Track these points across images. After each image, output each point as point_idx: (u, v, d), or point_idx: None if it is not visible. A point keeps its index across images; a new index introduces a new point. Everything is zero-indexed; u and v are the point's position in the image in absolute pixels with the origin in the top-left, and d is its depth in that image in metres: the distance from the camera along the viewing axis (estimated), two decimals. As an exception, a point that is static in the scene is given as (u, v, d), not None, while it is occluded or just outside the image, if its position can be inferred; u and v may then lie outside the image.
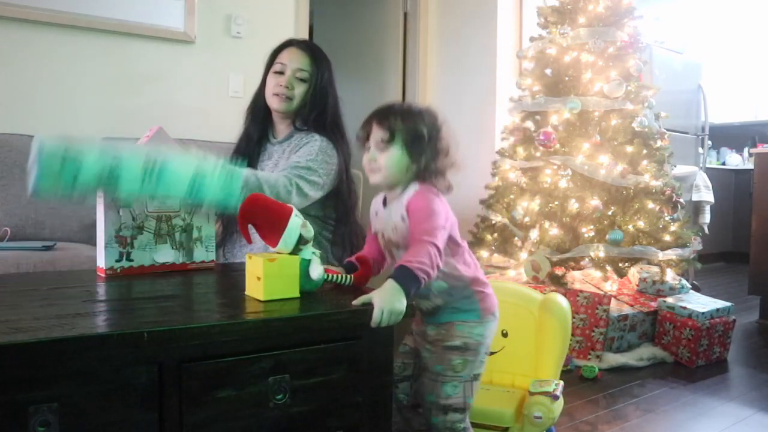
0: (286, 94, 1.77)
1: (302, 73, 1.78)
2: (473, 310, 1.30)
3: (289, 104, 1.79)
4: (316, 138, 1.77)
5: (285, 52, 1.82)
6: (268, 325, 0.99)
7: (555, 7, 2.94)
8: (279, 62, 1.80)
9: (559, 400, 1.51)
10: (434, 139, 1.25)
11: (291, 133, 1.84)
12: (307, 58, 1.81)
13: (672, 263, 2.67)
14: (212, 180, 1.26)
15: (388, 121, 1.22)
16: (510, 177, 2.92)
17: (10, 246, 2.05)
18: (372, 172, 1.25)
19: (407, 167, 1.23)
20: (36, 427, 0.81)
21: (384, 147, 1.22)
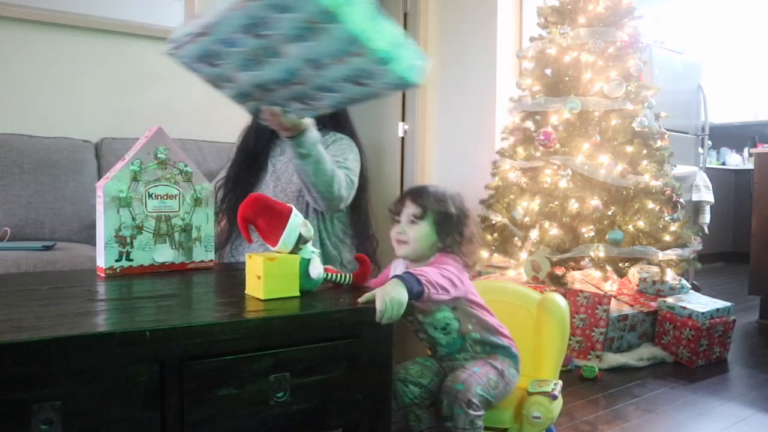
0: None
1: None
2: (512, 356, 1.44)
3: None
4: (342, 137, 1.85)
5: None
6: (269, 323, 1.00)
7: (555, 7, 2.94)
8: None
9: (557, 400, 1.51)
10: (461, 224, 1.38)
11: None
12: None
13: (672, 263, 2.67)
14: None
15: (422, 198, 1.35)
16: (510, 177, 2.92)
17: (10, 246, 2.05)
18: (400, 244, 1.37)
19: (433, 243, 1.36)
20: (39, 425, 0.82)
21: (414, 222, 1.35)
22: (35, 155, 2.43)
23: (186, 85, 3.01)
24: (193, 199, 1.44)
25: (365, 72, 1.14)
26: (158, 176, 1.38)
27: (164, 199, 1.39)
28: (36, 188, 2.39)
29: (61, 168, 2.47)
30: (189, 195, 1.43)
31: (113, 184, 1.33)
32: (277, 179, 1.85)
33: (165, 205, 1.39)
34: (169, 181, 1.40)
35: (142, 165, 1.36)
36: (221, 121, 3.06)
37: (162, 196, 1.39)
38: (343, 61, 1.12)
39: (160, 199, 1.39)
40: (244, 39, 1.13)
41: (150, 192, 1.37)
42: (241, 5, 1.06)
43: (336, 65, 1.14)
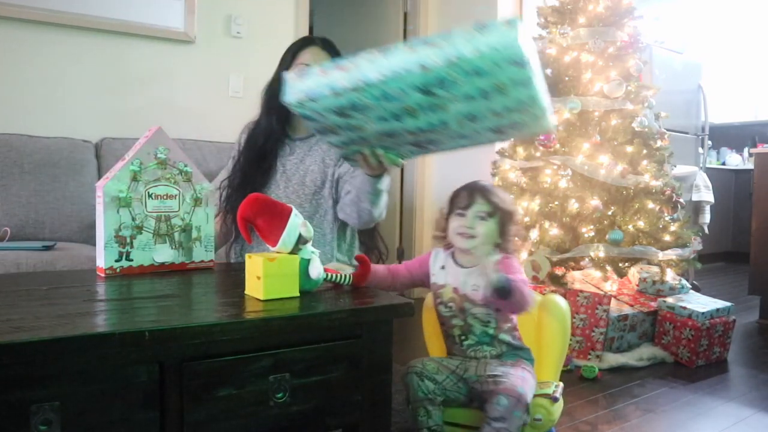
0: None
1: None
2: (532, 360, 1.49)
3: None
4: None
5: (307, 51, 1.80)
6: (268, 324, 0.99)
7: (555, 7, 2.94)
8: (302, 62, 1.78)
9: (558, 401, 1.50)
10: (516, 226, 1.47)
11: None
12: (330, 58, 1.79)
13: (672, 263, 2.67)
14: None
15: (492, 197, 1.43)
16: (510, 177, 2.92)
17: (10, 246, 2.05)
18: (465, 237, 1.43)
19: (494, 242, 1.45)
20: (38, 426, 0.82)
21: (484, 219, 1.42)
22: (35, 155, 2.43)
23: (186, 85, 3.02)
24: (193, 199, 1.43)
25: (517, 124, 1.16)
26: (158, 176, 1.38)
27: (164, 199, 1.39)
28: (36, 188, 2.39)
29: (61, 168, 2.47)
30: (189, 195, 1.43)
31: (113, 184, 1.33)
32: (288, 180, 1.81)
33: (165, 205, 1.39)
34: (169, 181, 1.40)
35: (142, 165, 1.36)
36: (221, 121, 3.06)
37: (162, 196, 1.39)
38: (502, 116, 1.13)
39: (160, 199, 1.39)
40: (409, 95, 1.08)
41: (150, 192, 1.37)
42: (422, 67, 1.01)
43: (493, 118, 1.14)
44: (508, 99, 1.08)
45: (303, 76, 1.13)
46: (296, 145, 1.85)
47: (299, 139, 1.86)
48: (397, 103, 1.11)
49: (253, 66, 3.18)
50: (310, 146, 1.84)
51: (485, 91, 1.06)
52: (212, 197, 1.49)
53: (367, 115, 1.17)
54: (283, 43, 3.27)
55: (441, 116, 1.15)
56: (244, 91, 3.14)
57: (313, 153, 1.82)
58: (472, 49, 0.98)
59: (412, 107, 1.12)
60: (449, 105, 1.10)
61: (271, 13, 3.26)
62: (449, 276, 1.49)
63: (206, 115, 3.04)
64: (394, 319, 1.13)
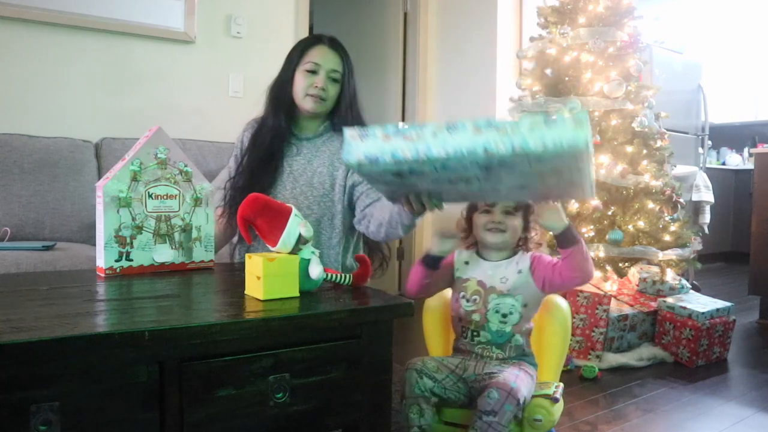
0: (321, 95, 1.73)
1: (335, 74, 1.74)
2: (535, 365, 1.51)
3: (323, 105, 1.75)
4: None
5: (315, 50, 1.76)
6: (268, 324, 0.99)
7: (555, 7, 2.94)
8: (311, 61, 1.73)
9: (559, 402, 1.50)
10: (528, 213, 1.49)
11: (322, 131, 1.81)
12: (338, 57, 1.76)
13: (672, 263, 2.67)
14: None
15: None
16: (510, 177, 2.92)
17: (10, 246, 2.05)
18: (496, 232, 1.46)
19: (520, 235, 1.49)
20: (38, 426, 0.82)
21: (511, 214, 1.46)
22: (35, 155, 2.43)
23: (186, 85, 3.02)
24: (193, 199, 1.43)
25: (563, 194, 1.24)
26: (158, 176, 1.38)
27: (164, 199, 1.39)
28: (36, 188, 2.39)
29: (61, 168, 2.47)
30: (189, 195, 1.43)
31: (113, 184, 1.33)
32: (295, 180, 1.77)
33: (165, 205, 1.39)
34: (169, 181, 1.40)
35: (142, 165, 1.36)
36: (221, 121, 3.06)
37: (162, 196, 1.39)
38: (551, 189, 1.21)
39: (160, 199, 1.39)
40: (468, 169, 1.11)
41: (150, 192, 1.37)
42: (486, 150, 1.04)
43: (543, 188, 1.21)
44: (561, 179, 1.13)
45: (364, 137, 1.15)
46: (303, 145, 1.81)
47: (306, 138, 1.82)
48: (455, 173, 1.15)
49: (253, 66, 3.18)
50: (317, 147, 1.80)
51: (542, 172, 1.11)
52: (214, 197, 1.48)
53: (422, 179, 1.20)
54: (283, 43, 3.30)
55: (494, 185, 1.19)
56: (244, 91, 3.14)
57: (321, 154, 1.79)
58: (539, 143, 1.01)
59: (468, 177, 1.16)
60: (504, 178, 1.15)
61: (271, 13, 3.26)
62: (474, 270, 1.51)
63: (206, 115, 3.04)
64: (394, 319, 1.13)
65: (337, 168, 1.76)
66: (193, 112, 3.01)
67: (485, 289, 1.48)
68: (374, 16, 4.09)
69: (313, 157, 1.79)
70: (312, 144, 1.81)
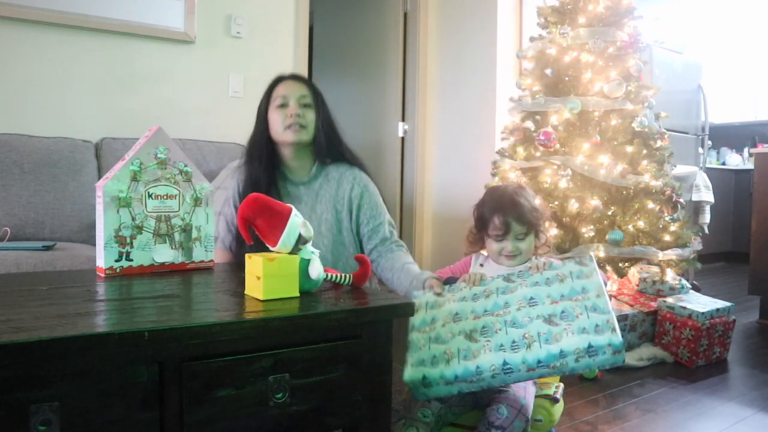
0: (299, 122, 1.70)
1: (305, 99, 1.73)
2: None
3: (305, 132, 1.71)
4: (363, 180, 1.79)
5: (280, 86, 1.76)
6: (268, 324, 0.99)
7: (555, 7, 2.94)
8: (278, 96, 1.73)
9: (559, 403, 1.51)
10: (539, 222, 1.59)
11: (316, 171, 1.79)
12: (304, 85, 1.76)
13: (672, 263, 2.67)
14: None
15: (524, 216, 1.54)
16: (510, 177, 2.92)
17: (10, 246, 2.05)
18: (512, 258, 1.55)
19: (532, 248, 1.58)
20: (37, 426, 0.81)
21: (523, 237, 1.55)
22: (35, 155, 2.43)
23: (186, 85, 3.02)
24: (193, 199, 1.43)
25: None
26: (158, 176, 1.38)
27: (164, 199, 1.39)
28: (36, 188, 2.39)
29: (61, 168, 2.47)
30: (189, 195, 1.43)
31: (113, 184, 1.33)
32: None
33: (165, 205, 1.39)
34: (169, 181, 1.40)
35: (142, 165, 1.36)
36: (221, 121, 3.06)
37: (162, 196, 1.39)
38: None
39: (160, 199, 1.38)
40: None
41: (150, 192, 1.37)
42: (528, 370, 1.26)
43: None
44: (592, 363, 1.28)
45: (429, 388, 1.32)
46: (301, 192, 1.77)
47: (302, 183, 1.78)
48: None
49: (253, 66, 3.18)
50: (315, 192, 1.77)
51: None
52: (211, 197, 1.48)
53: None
54: (283, 43, 3.30)
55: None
56: (244, 91, 3.14)
57: (322, 199, 1.76)
58: (584, 367, 1.26)
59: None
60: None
61: (271, 13, 3.26)
62: (488, 271, 1.56)
63: (206, 115, 3.04)
64: (394, 319, 1.13)
65: (339, 211, 1.75)
66: (193, 112, 3.01)
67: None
68: (374, 16, 4.09)
69: (314, 203, 1.76)
70: (310, 189, 1.77)
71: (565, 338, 1.25)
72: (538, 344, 1.26)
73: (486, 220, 1.56)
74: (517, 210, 1.53)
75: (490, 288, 1.43)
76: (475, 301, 1.41)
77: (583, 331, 1.24)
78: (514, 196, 1.56)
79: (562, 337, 1.25)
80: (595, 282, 1.34)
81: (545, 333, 1.27)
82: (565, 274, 1.39)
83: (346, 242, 1.75)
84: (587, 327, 1.25)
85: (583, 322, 1.26)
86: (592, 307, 1.28)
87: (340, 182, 1.77)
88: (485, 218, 1.57)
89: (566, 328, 1.27)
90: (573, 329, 1.26)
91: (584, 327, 1.25)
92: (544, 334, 1.27)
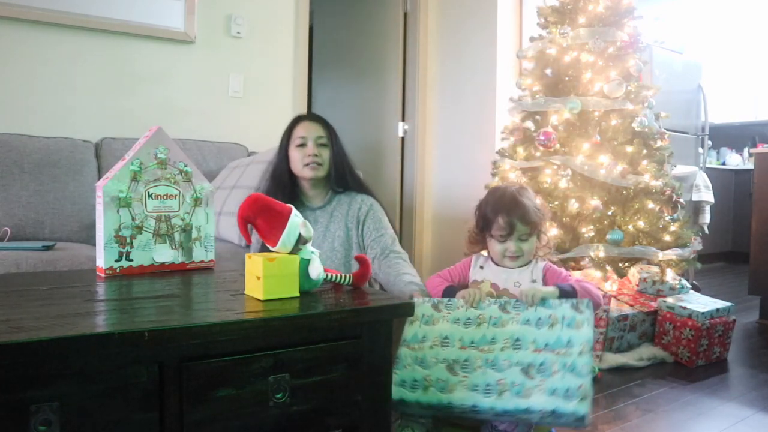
0: (317, 161, 1.93)
1: (322, 139, 1.95)
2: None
3: (321, 169, 1.95)
4: (371, 204, 2.00)
5: (299, 127, 1.98)
6: (268, 324, 0.99)
7: (555, 7, 2.94)
8: (299, 136, 1.95)
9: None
10: (540, 223, 1.59)
11: (330, 197, 2.02)
12: (320, 126, 1.98)
13: (672, 263, 2.67)
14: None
15: (528, 216, 1.54)
16: (510, 177, 2.92)
17: (10, 246, 2.05)
18: (515, 258, 1.57)
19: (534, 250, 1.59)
20: (37, 426, 0.81)
21: (526, 238, 1.56)
22: (35, 155, 2.43)
23: (186, 85, 3.02)
24: (193, 199, 1.43)
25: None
26: (158, 176, 1.38)
27: (164, 199, 1.39)
28: (36, 188, 2.39)
29: (61, 168, 2.47)
30: (189, 195, 1.43)
31: (113, 184, 1.33)
32: (319, 247, 1.89)
33: (165, 205, 1.39)
34: (169, 181, 1.40)
35: (142, 165, 1.36)
36: (221, 121, 3.06)
37: (162, 196, 1.39)
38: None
39: (160, 199, 1.38)
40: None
41: (150, 192, 1.37)
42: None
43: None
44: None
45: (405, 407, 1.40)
46: (317, 215, 2.00)
47: (318, 208, 2.01)
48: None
49: (253, 66, 3.18)
50: (330, 213, 2.00)
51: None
52: (211, 198, 1.48)
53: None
54: (283, 43, 3.30)
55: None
56: (244, 91, 3.14)
57: (335, 219, 1.98)
58: (546, 424, 1.32)
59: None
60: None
61: (271, 13, 3.26)
62: (488, 273, 1.58)
63: (206, 115, 3.04)
64: (394, 319, 1.13)
65: (350, 229, 1.97)
66: (193, 112, 3.01)
67: (498, 291, 1.53)
68: (374, 16, 4.09)
69: (329, 223, 1.98)
70: (324, 212, 2.00)
71: (535, 396, 1.28)
72: (509, 394, 1.30)
73: (489, 221, 1.56)
74: (521, 210, 1.54)
75: (485, 315, 1.45)
76: (467, 326, 1.44)
77: (553, 393, 1.27)
78: (517, 196, 1.56)
79: (532, 393, 1.29)
80: (584, 335, 1.34)
81: (519, 385, 1.31)
82: (557, 318, 1.39)
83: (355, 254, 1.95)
84: (558, 389, 1.27)
85: (557, 382, 1.28)
86: (571, 367, 1.29)
87: (351, 204, 2.00)
88: (488, 218, 1.57)
89: (539, 384, 1.29)
90: (544, 388, 1.28)
91: (555, 389, 1.27)
92: (518, 386, 1.31)
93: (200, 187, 1.45)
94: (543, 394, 1.28)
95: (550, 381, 1.29)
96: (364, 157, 4.01)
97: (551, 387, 1.28)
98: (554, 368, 1.31)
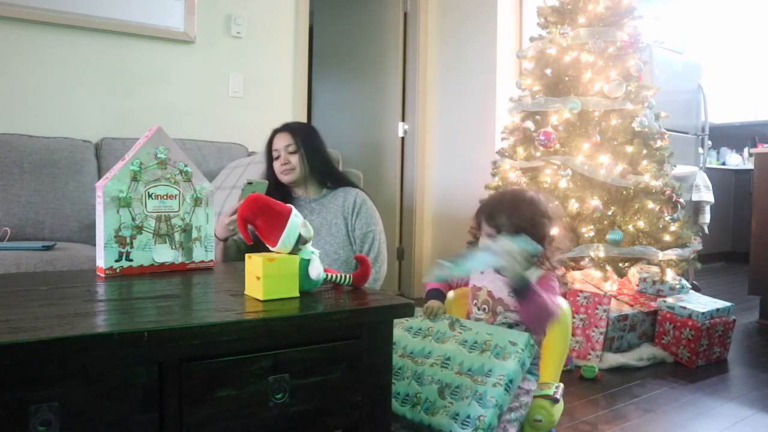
0: (287, 168, 2.12)
1: (290, 147, 2.13)
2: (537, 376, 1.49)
3: (294, 173, 2.13)
4: (364, 200, 2.14)
5: (274, 141, 2.17)
6: (268, 324, 0.99)
7: (555, 7, 2.94)
8: (274, 149, 2.15)
9: (559, 403, 1.50)
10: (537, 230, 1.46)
11: (325, 192, 2.19)
12: (288, 134, 2.14)
13: (672, 263, 2.67)
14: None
15: (515, 220, 1.43)
16: (510, 177, 2.92)
17: (10, 246, 2.05)
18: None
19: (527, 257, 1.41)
20: (36, 427, 0.81)
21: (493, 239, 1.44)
22: (35, 155, 2.43)
23: (186, 85, 3.02)
24: (193, 199, 1.43)
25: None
26: (158, 176, 1.38)
27: (164, 199, 1.39)
28: (36, 188, 2.39)
29: (61, 168, 2.47)
30: (189, 195, 1.43)
31: (113, 184, 1.33)
32: (317, 234, 2.03)
33: (165, 205, 1.39)
34: (169, 181, 1.40)
35: (142, 165, 1.36)
36: (221, 121, 3.06)
37: (162, 196, 1.39)
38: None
39: (160, 199, 1.38)
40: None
41: (150, 192, 1.37)
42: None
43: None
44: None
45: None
46: (313, 207, 2.15)
47: (313, 200, 2.17)
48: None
49: (253, 66, 3.18)
50: (324, 205, 2.15)
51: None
52: (211, 198, 1.48)
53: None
54: (283, 43, 3.30)
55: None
56: (244, 91, 3.14)
57: (332, 207, 2.13)
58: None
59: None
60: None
61: (271, 13, 3.26)
62: (486, 279, 1.53)
63: (206, 115, 3.04)
64: (394, 319, 1.13)
65: (345, 219, 2.12)
66: (193, 112, 3.01)
67: (494, 300, 1.49)
68: (374, 16, 4.09)
69: (326, 212, 2.13)
70: (320, 203, 2.16)
71: (439, 416, 1.31)
72: (419, 408, 1.34)
73: (479, 222, 1.53)
74: (508, 211, 1.47)
75: (433, 329, 1.47)
76: (414, 336, 1.47)
77: (454, 417, 1.30)
78: (510, 198, 1.51)
79: (437, 413, 1.32)
80: (507, 368, 1.32)
81: (431, 402, 1.34)
82: (491, 345, 1.38)
83: (350, 242, 2.12)
84: (459, 415, 1.29)
85: (461, 408, 1.30)
86: (480, 396, 1.30)
87: (345, 197, 2.15)
88: (478, 219, 1.53)
89: (447, 406, 1.32)
90: (450, 410, 1.31)
91: (458, 414, 1.30)
92: (429, 403, 1.34)
93: (200, 187, 1.45)
94: (446, 416, 1.31)
95: (457, 405, 1.31)
96: (364, 157, 4.01)
97: (455, 411, 1.31)
98: (466, 393, 1.32)
